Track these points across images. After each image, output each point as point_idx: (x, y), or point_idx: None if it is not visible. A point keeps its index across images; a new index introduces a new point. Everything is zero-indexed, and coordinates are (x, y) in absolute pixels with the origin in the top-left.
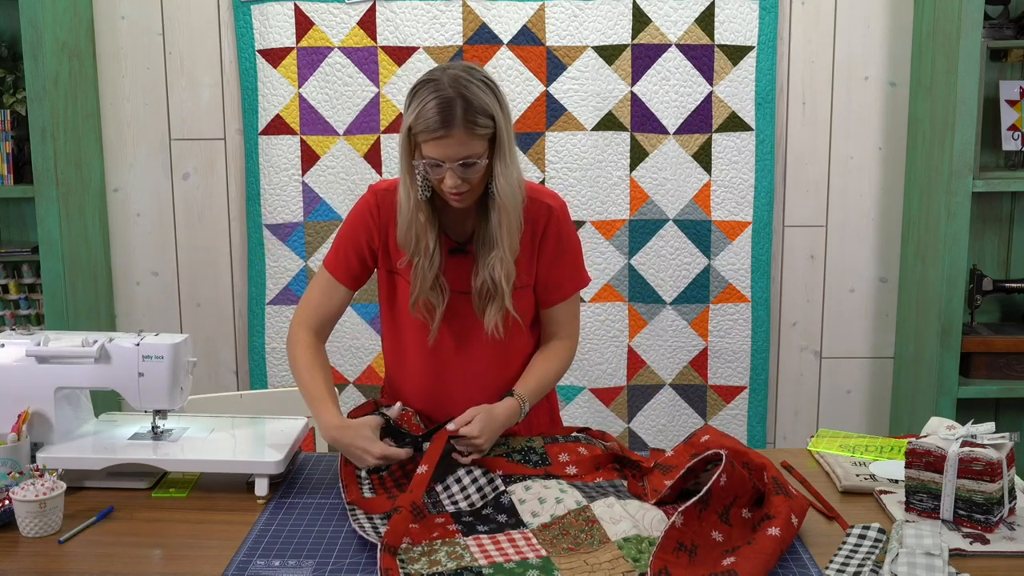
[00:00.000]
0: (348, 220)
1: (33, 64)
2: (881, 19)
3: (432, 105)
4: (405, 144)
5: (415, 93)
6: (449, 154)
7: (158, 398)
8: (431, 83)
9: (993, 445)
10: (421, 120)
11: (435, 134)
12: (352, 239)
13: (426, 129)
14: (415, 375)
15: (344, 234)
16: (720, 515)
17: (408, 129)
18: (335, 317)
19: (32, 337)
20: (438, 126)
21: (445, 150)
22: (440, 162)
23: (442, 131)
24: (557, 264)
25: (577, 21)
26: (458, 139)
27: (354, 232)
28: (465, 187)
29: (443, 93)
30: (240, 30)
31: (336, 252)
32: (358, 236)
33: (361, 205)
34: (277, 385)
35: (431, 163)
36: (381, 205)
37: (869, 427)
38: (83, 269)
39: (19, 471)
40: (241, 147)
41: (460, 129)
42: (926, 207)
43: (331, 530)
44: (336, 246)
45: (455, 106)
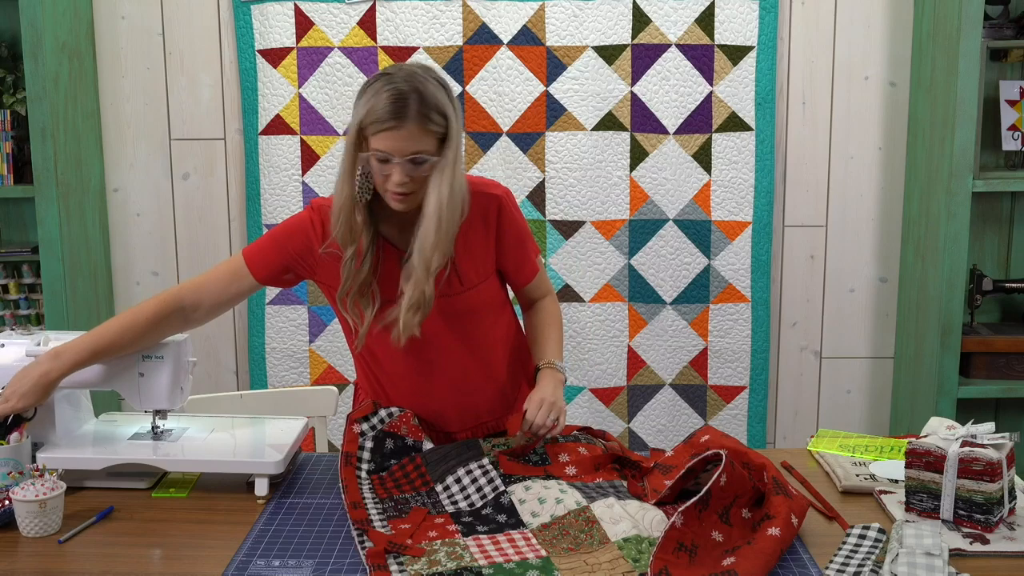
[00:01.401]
0: (284, 229)
1: (33, 64)
2: (881, 19)
3: (386, 97)
4: (353, 139)
5: (368, 86)
6: (400, 147)
7: (158, 398)
8: (385, 77)
9: (993, 445)
10: (373, 112)
11: (386, 124)
12: (283, 246)
13: (378, 120)
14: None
15: (276, 238)
16: (720, 515)
17: (358, 122)
18: (225, 304)
19: (32, 337)
20: (390, 116)
21: (396, 143)
22: (389, 156)
23: (394, 122)
24: (519, 246)
25: (577, 21)
26: (410, 132)
27: (289, 241)
28: (411, 186)
29: (398, 86)
30: (240, 30)
31: (262, 248)
32: (291, 246)
33: (303, 219)
34: (277, 385)
35: (380, 157)
36: (325, 222)
37: (869, 427)
38: (83, 269)
39: (19, 471)
40: (241, 147)
41: (413, 122)
42: (926, 207)
43: (331, 530)
44: (263, 244)
45: (409, 99)
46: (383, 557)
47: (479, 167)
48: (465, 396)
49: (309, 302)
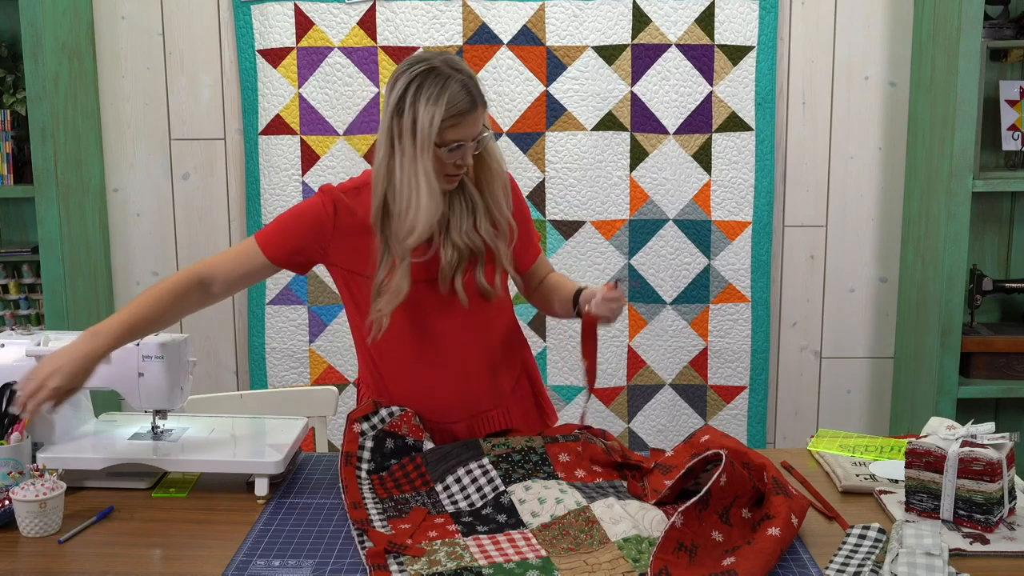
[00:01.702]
0: (296, 213)
1: (33, 64)
2: (881, 19)
3: (457, 88)
4: (427, 138)
5: (421, 87)
6: (472, 132)
7: (158, 398)
8: (431, 73)
9: (993, 445)
10: (453, 106)
11: (467, 115)
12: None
13: (460, 112)
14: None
15: (287, 221)
16: (720, 515)
17: (440, 120)
18: (239, 280)
19: (32, 337)
20: (469, 106)
21: (471, 129)
22: (463, 143)
23: (471, 111)
24: (526, 224)
25: (577, 21)
26: (480, 115)
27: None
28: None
29: (457, 76)
30: (240, 30)
31: (273, 230)
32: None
33: (315, 204)
34: (277, 385)
35: (454, 147)
36: (339, 209)
37: (869, 427)
38: (83, 269)
39: (19, 471)
40: (241, 147)
41: (481, 105)
42: (926, 207)
43: (331, 530)
44: (275, 226)
45: (471, 84)
46: (383, 557)
47: None
48: (466, 384)
49: (309, 302)
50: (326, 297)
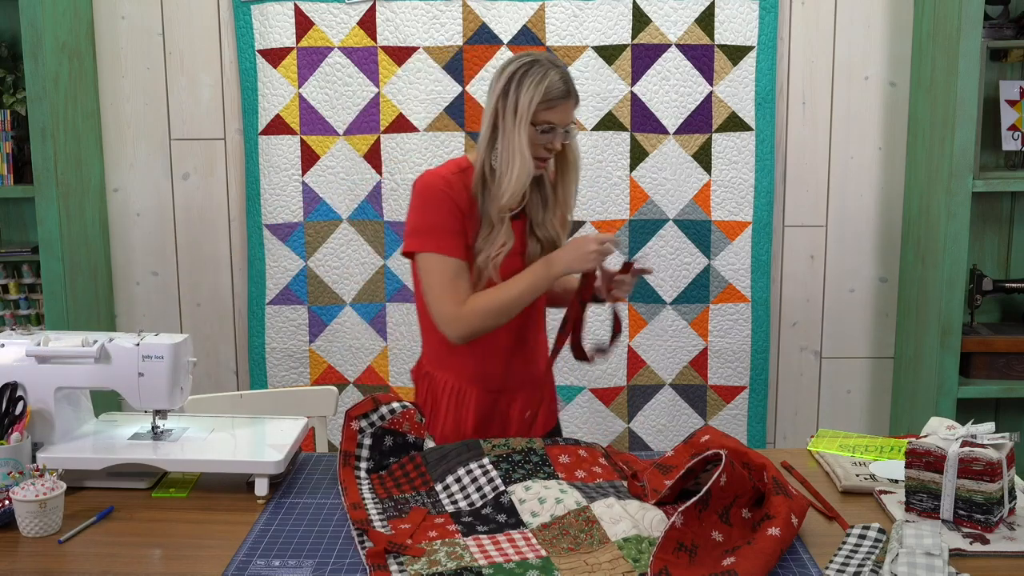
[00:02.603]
0: (435, 206)
1: (33, 64)
2: (881, 19)
3: (556, 76)
4: (526, 116)
5: (526, 73)
6: (565, 118)
7: (158, 398)
8: (536, 64)
9: (993, 445)
10: (551, 90)
11: (561, 101)
12: (453, 221)
13: (555, 96)
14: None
15: (443, 220)
16: (720, 515)
17: (539, 100)
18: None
19: (32, 337)
20: (564, 93)
21: (563, 115)
22: (555, 126)
23: (565, 98)
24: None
25: (577, 21)
26: (572, 105)
27: (452, 214)
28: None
29: (556, 69)
30: (240, 30)
31: (444, 235)
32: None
33: (440, 190)
34: (277, 385)
35: (547, 128)
36: (454, 187)
37: (869, 427)
38: (83, 269)
39: (19, 471)
40: (241, 147)
41: (574, 97)
42: (926, 207)
43: (331, 530)
44: (439, 231)
45: (569, 79)
46: (383, 557)
47: None
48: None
49: (309, 302)
50: (326, 297)
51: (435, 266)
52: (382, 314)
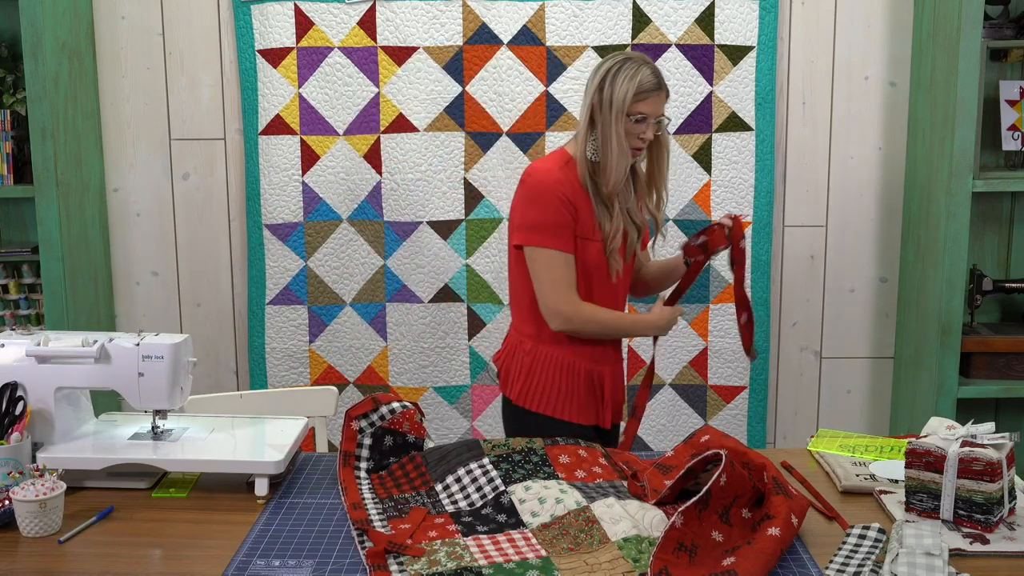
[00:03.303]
0: (549, 203)
1: (33, 64)
2: (881, 19)
3: (648, 72)
4: (621, 109)
5: (619, 70)
6: (656, 110)
7: (158, 398)
8: (629, 60)
9: (993, 445)
10: (643, 83)
11: (652, 92)
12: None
13: (647, 88)
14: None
15: (556, 216)
16: (720, 515)
17: (633, 93)
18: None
19: (32, 337)
20: (655, 86)
21: (655, 106)
22: (648, 116)
23: (657, 91)
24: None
25: (577, 21)
26: (662, 99)
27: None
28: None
29: (647, 65)
30: (240, 30)
31: (557, 230)
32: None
33: (555, 188)
34: (277, 385)
35: (640, 118)
36: (565, 183)
37: (869, 427)
38: (83, 269)
39: (19, 471)
40: (241, 147)
41: (665, 91)
42: (926, 207)
43: (331, 530)
44: (553, 227)
45: (660, 74)
46: (383, 557)
47: (479, 167)
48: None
49: (309, 302)
50: (326, 297)
51: (547, 261)
52: (382, 314)
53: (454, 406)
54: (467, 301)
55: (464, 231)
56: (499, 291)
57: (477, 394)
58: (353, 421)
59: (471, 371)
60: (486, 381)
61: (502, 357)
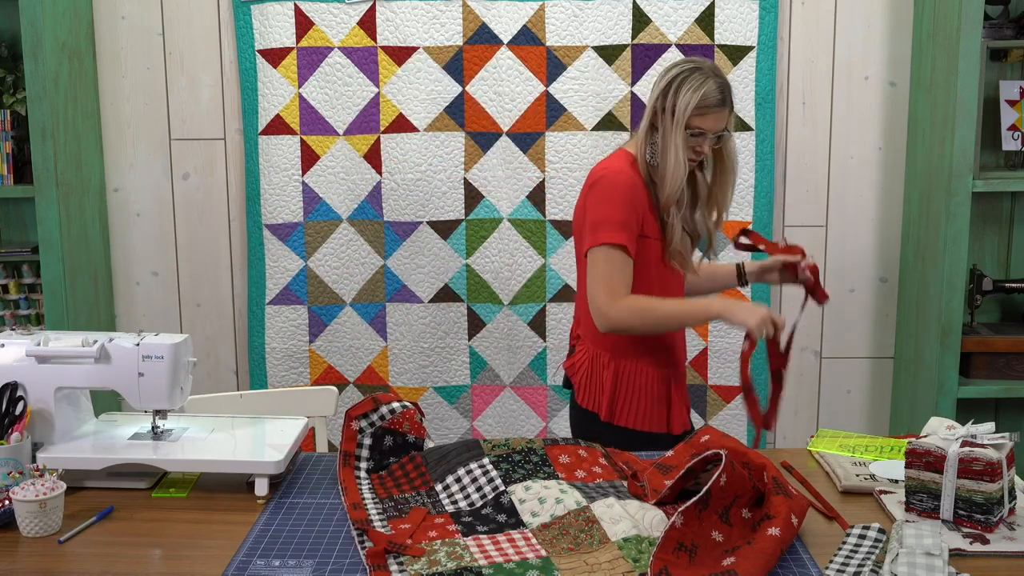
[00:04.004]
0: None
1: (33, 64)
2: (881, 19)
3: (713, 86)
4: (683, 120)
5: (686, 78)
6: (716, 126)
7: (158, 398)
8: (697, 70)
9: (993, 445)
10: (706, 97)
11: (715, 109)
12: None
13: (709, 104)
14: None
15: (626, 216)
16: (720, 515)
17: (695, 106)
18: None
19: (32, 337)
20: (719, 103)
21: (715, 122)
22: (706, 132)
23: (720, 107)
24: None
25: (577, 21)
26: (725, 115)
27: (635, 209)
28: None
29: (716, 79)
30: (240, 30)
31: (625, 229)
32: (638, 211)
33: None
34: (277, 385)
35: (697, 132)
36: (635, 184)
37: (869, 427)
38: (83, 269)
39: (19, 471)
40: (241, 147)
41: (728, 106)
42: (926, 207)
43: (331, 530)
44: (617, 225)
45: (727, 89)
46: (383, 557)
47: (479, 167)
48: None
49: (309, 302)
50: (326, 297)
51: (606, 256)
52: (382, 314)
53: (454, 406)
54: (467, 301)
55: (464, 231)
56: (499, 291)
57: (477, 394)
58: (353, 421)
59: (471, 371)
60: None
61: (576, 367)
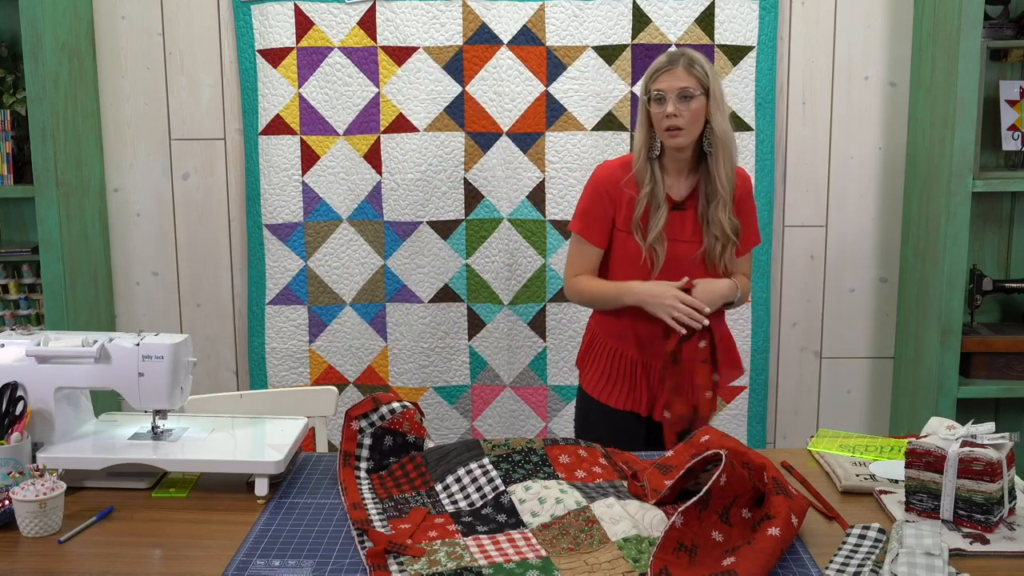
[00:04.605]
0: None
1: (33, 64)
2: (881, 19)
3: (663, 56)
4: (642, 94)
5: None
6: (672, 84)
7: (158, 398)
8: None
9: (993, 445)
10: (656, 64)
11: (662, 69)
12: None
13: (657, 69)
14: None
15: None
16: (720, 515)
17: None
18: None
19: (32, 337)
20: (665, 63)
21: (670, 81)
22: (664, 93)
23: (668, 66)
24: (747, 224)
25: (577, 21)
26: (678, 74)
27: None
28: (680, 121)
29: (672, 50)
30: (240, 30)
31: (587, 220)
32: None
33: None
34: (277, 385)
35: (657, 96)
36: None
37: (869, 427)
38: (83, 269)
39: (19, 471)
40: (241, 147)
41: (680, 67)
42: (926, 207)
43: (331, 530)
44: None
45: (678, 54)
46: (383, 557)
47: (479, 167)
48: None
49: (309, 302)
50: (326, 297)
51: (573, 244)
52: (382, 314)
53: (454, 406)
54: (467, 301)
55: (464, 231)
56: (499, 291)
57: (477, 394)
58: (353, 421)
59: (471, 371)
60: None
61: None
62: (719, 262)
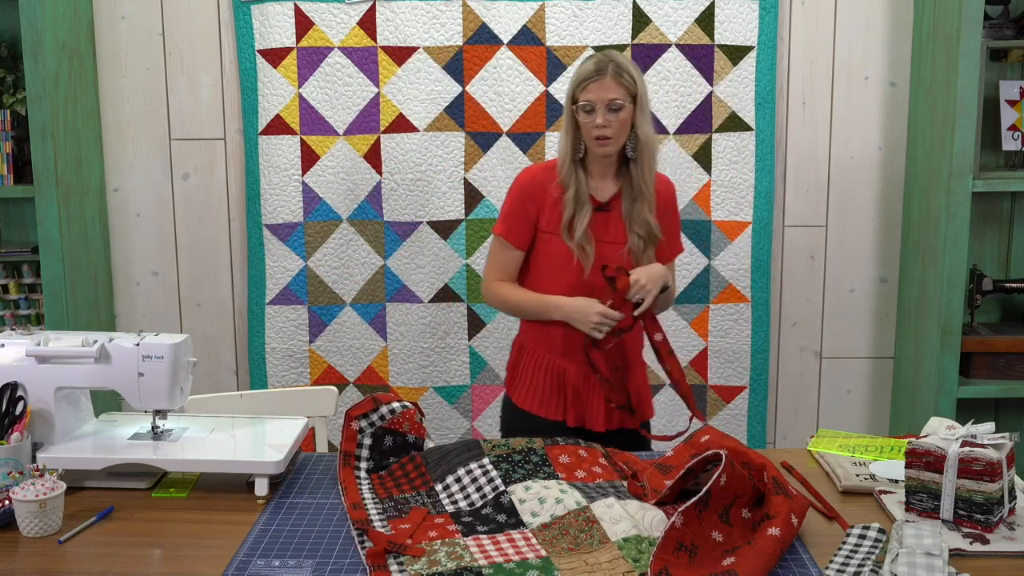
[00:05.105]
0: (511, 196)
1: (33, 64)
2: (881, 19)
3: (590, 62)
4: (568, 101)
5: (578, 67)
6: (601, 95)
7: (158, 398)
8: (590, 58)
9: (993, 445)
10: (581, 73)
11: (591, 79)
12: (520, 210)
13: (585, 78)
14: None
15: (511, 209)
16: (720, 515)
17: (573, 86)
18: (514, 272)
19: (32, 337)
20: (593, 72)
21: (598, 92)
22: (593, 104)
23: (597, 76)
24: (670, 232)
25: (577, 21)
26: (607, 84)
27: (522, 204)
28: (609, 131)
29: (598, 56)
30: (240, 30)
31: (508, 221)
32: (526, 206)
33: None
34: (277, 385)
35: (587, 107)
36: (534, 182)
37: (869, 427)
38: (83, 269)
39: (19, 471)
40: (241, 147)
41: (609, 76)
42: (926, 207)
43: (331, 530)
44: (503, 217)
45: (606, 62)
46: (383, 557)
47: (479, 167)
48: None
49: (309, 302)
50: (326, 297)
51: (493, 246)
52: (382, 314)
53: (454, 406)
54: (467, 301)
55: (464, 231)
56: None
57: (477, 394)
58: (353, 421)
59: (471, 371)
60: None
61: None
62: (643, 262)
